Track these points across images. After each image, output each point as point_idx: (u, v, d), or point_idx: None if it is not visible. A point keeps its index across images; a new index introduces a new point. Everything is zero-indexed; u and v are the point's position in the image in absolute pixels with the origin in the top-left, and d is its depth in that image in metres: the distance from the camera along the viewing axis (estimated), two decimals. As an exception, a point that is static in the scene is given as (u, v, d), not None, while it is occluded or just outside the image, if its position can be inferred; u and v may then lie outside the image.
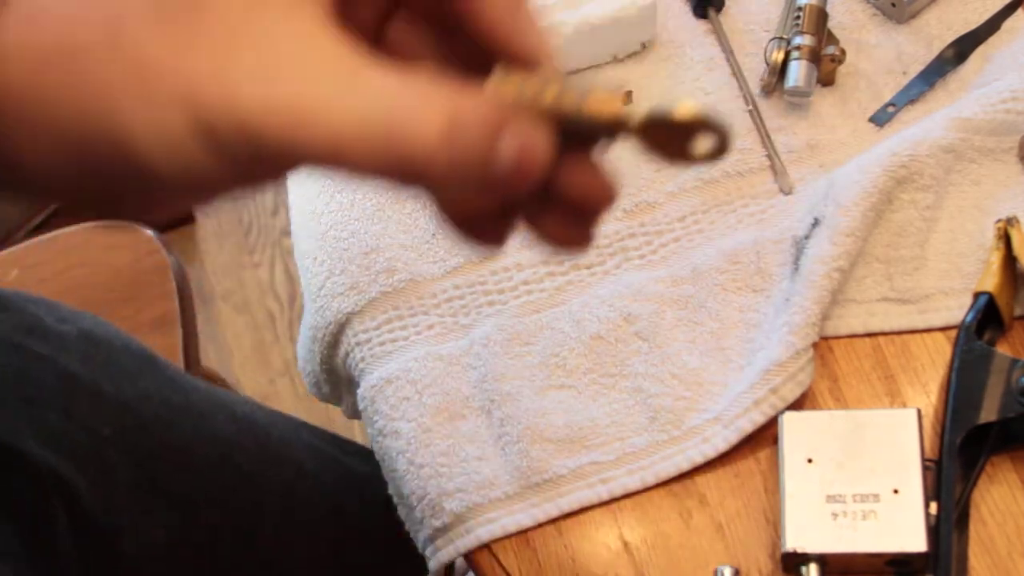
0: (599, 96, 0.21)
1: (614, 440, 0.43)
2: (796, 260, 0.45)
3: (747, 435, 0.42)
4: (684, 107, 0.21)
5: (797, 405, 0.42)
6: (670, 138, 0.21)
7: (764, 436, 0.42)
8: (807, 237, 0.45)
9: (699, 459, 0.42)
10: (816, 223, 0.45)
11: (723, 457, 0.42)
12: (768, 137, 0.48)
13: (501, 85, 0.22)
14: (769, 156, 0.48)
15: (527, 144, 0.21)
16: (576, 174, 0.22)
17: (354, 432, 0.97)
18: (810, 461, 0.40)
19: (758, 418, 0.42)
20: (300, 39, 0.20)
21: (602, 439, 0.43)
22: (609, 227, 0.48)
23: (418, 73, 0.21)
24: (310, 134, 0.20)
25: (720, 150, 0.21)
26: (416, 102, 0.20)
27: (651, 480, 0.42)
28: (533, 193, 0.21)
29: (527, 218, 0.24)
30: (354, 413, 0.47)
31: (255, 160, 0.20)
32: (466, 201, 0.22)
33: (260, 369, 1.03)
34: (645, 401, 0.44)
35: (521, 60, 0.23)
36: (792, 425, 0.41)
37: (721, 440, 0.42)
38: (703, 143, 0.21)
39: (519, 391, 0.44)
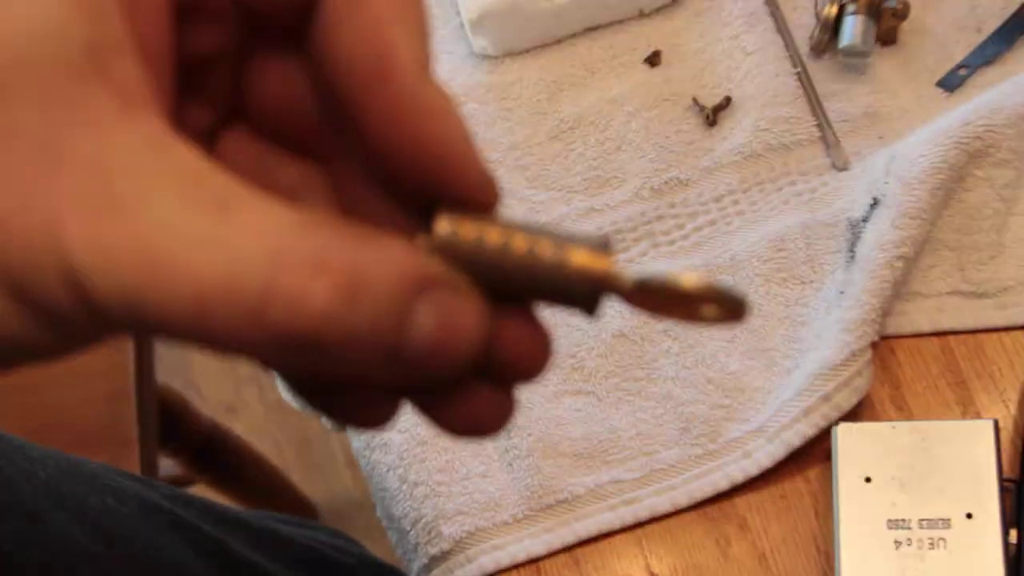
0: (580, 251, 0.20)
1: (640, 454, 0.43)
2: (852, 247, 0.44)
3: (795, 450, 0.42)
4: (688, 280, 0.20)
5: (853, 415, 0.42)
6: (668, 304, 0.21)
7: (815, 451, 0.42)
8: (865, 220, 0.44)
9: (739, 477, 0.42)
10: (875, 203, 0.44)
11: (767, 475, 0.42)
12: (819, 104, 0.48)
13: (444, 232, 0.20)
14: (820, 126, 0.47)
15: (451, 315, 0.19)
16: (509, 333, 0.21)
17: (333, 448, 0.98)
18: (868, 480, 0.40)
19: (808, 430, 0.42)
20: (137, 153, 0.18)
21: (626, 453, 0.43)
22: (633, 208, 0.47)
23: (309, 211, 0.19)
24: (160, 296, 0.18)
25: (732, 319, 0.21)
26: (304, 251, 0.18)
27: (683, 501, 0.42)
28: (459, 376, 0.20)
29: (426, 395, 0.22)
30: (339, 427, 0.48)
31: (85, 322, 0.18)
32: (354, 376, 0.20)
33: (223, 377, 1.03)
34: (676, 409, 0.44)
35: (466, 199, 0.21)
36: (847, 438, 0.41)
37: (765, 455, 0.42)
38: (710, 310, 0.21)
39: (529, 397, 0.44)
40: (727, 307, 0.21)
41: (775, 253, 0.46)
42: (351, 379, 0.21)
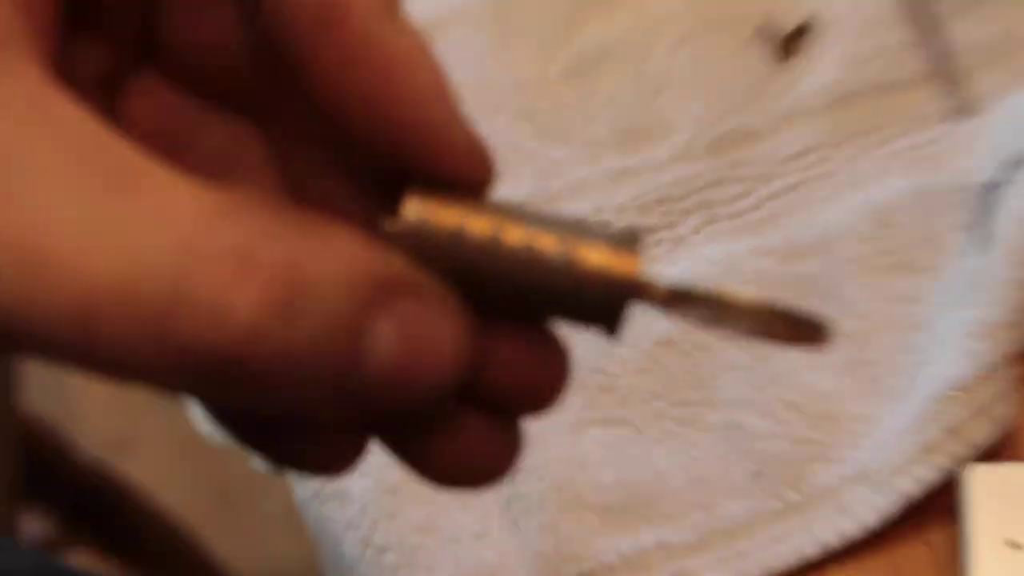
0: (597, 249, 0.21)
1: (694, 509, 0.41)
2: (985, 221, 0.43)
3: (911, 502, 0.40)
4: (743, 298, 0.21)
5: (991, 454, 0.40)
6: (718, 320, 0.21)
7: (938, 504, 0.40)
8: (1002, 184, 0.43)
9: (833, 540, 0.40)
10: (1019, 162, 0.43)
11: (872, 538, 0.40)
12: (934, 28, 0.46)
13: (414, 219, 0.21)
14: (935, 58, 0.46)
15: (420, 330, 0.20)
16: (505, 352, 0.22)
17: (266, 497, 0.95)
18: (1016, 546, 0.38)
19: (927, 474, 0.40)
20: (4, 112, 0.19)
21: (674, 507, 0.41)
22: (682, 169, 0.46)
23: (236, 188, 0.20)
24: (35, 302, 0.18)
25: (808, 345, 0.22)
26: (226, 242, 0.19)
27: (755, 573, 0.40)
28: (432, 409, 0.21)
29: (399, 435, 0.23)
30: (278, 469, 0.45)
31: None
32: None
33: (114, 402, 1.03)
34: (745, 445, 0.42)
35: (445, 174, 0.21)
36: (984, 487, 0.39)
37: (868, 510, 0.40)
38: (778, 330, 0.21)
39: (540, 428, 0.41)
40: (800, 332, 0.21)
41: (878, 230, 0.44)
42: (290, 412, 0.21)
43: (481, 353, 0.21)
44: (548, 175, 0.46)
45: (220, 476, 0.97)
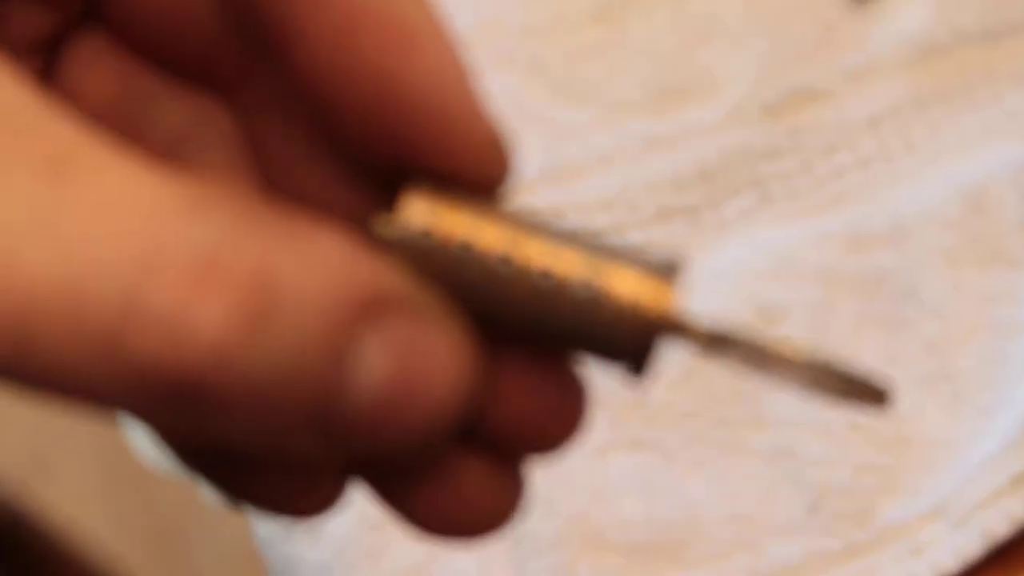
0: (627, 276, 0.22)
1: (738, 549, 0.43)
2: None
3: (997, 543, 0.42)
4: (795, 354, 0.22)
5: None
6: (764, 369, 0.23)
7: None
8: None
9: None
10: None
11: None
12: None
13: (414, 224, 0.21)
14: None
15: (416, 356, 0.21)
16: (514, 384, 0.23)
17: (217, 534, 0.97)
18: None
19: (1018, 510, 0.42)
20: None
21: (715, 546, 0.43)
22: (730, 137, 0.47)
23: (200, 177, 0.21)
24: None
25: (865, 406, 0.23)
26: (188, 244, 0.19)
27: None
28: (428, 449, 0.22)
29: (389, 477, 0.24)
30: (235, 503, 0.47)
31: None
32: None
33: (28, 416, 1.03)
34: (799, 474, 0.44)
35: (452, 170, 0.22)
36: None
37: (948, 552, 0.43)
38: (831, 385, 0.23)
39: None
40: (855, 392, 0.22)
41: (968, 215, 0.45)
42: (258, 447, 0.21)
43: (488, 386, 0.22)
44: (563, 142, 0.47)
45: (159, 507, 0.97)
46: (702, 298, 0.46)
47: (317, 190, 0.23)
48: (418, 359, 0.20)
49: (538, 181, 0.47)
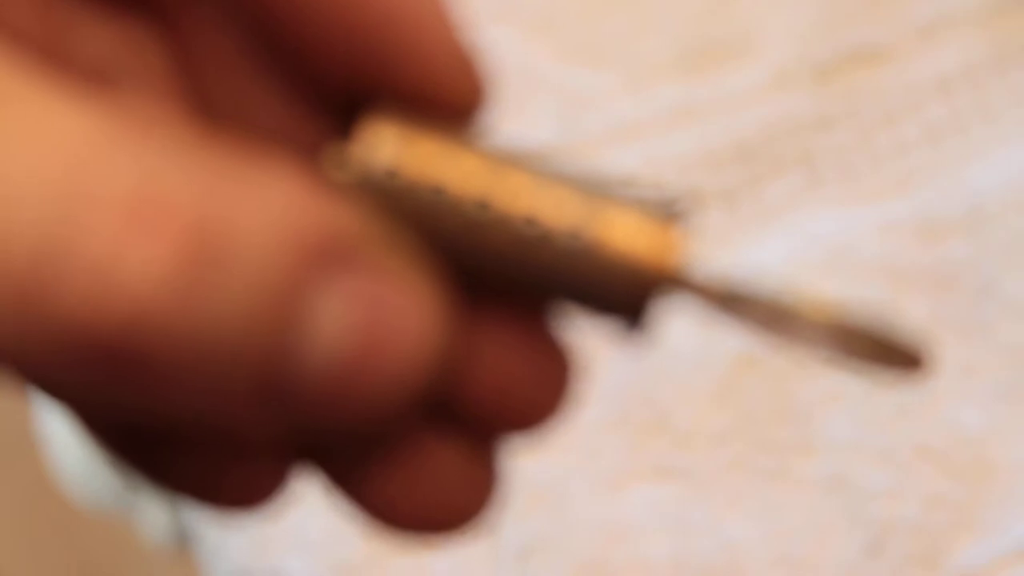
0: (624, 220, 0.22)
1: None
2: None
3: None
4: (812, 308, 0.22)
5: None
6: (781, 329, 0.22)
7: None
8: None
9: None
10: None
11: None
12: None
13: (378, 158, 0.22)
14: None
15: (380, 311, 0.20)
16: (493, 352, 0.23)
17: (142, 556, 1.00)
18: None
19: None
20: None
21: None
22: (774, 106, 0.47)
23: (131, 105, 0.21)
24: None
25: (898, 372, 0.23)
26: (120, 181, 0.19)
27: None
28: (393, 423, 0.22)
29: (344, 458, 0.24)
30: (178, 532, 0.47)
31: None
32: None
33: None
34: (855, 507, 0.42)
35: (421, 94, 0.22)
36: None
37: None
38: (857, 347, 0.23)
39: (567, 482, 0.43)
40: (889, 357, 0.22)
41: None
42: (197, 422, 0.21)
43: (461, 348, 0.22)
44: (578, 112, 0.47)
45: (85, 548, 0.96)
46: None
47: (265, 120, 0.23)
48: (380, 316, 0.20)
49: (527, 152, 0.48)
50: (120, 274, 0.19)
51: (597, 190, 0.21)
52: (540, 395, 0.23)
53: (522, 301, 0.23)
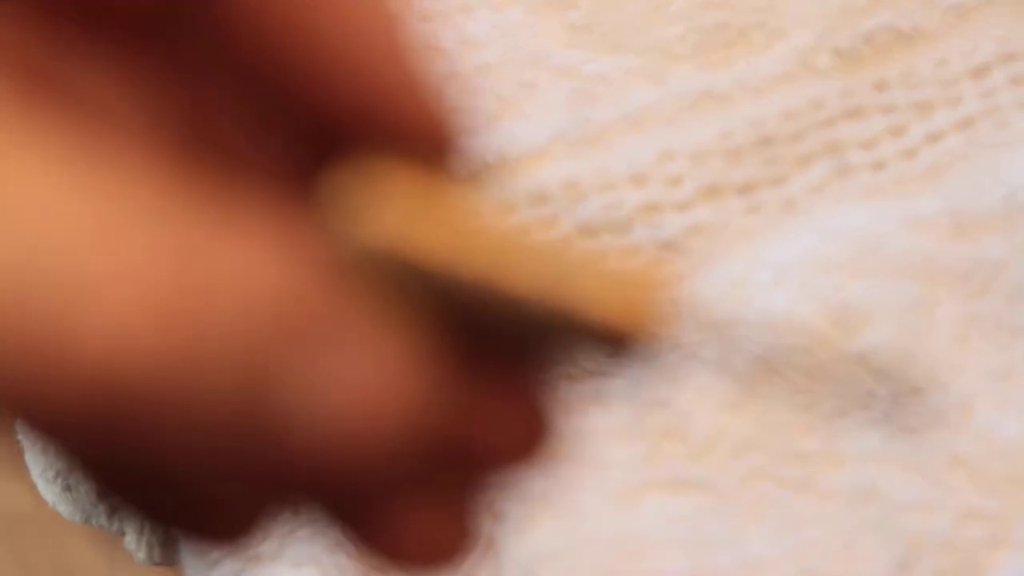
0: (599, 288, 0.23)
1: None
2: None
3: None
4: (807, 349, 0.23)
5: None
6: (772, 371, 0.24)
7: None
8: None
9: None
10: None
11: None
12: None
13: (366, 234, 0.23)
14: None
15: (367, 370, 0.22)
16: (481, 412, 0.24)
17: None
18: None
19: None
20: None
21: None
22: (797, 94, 0.46)
23: (131, 181, 0.22)
24: None
25: (888, 413, 0.24)
26: (121, 260, 0.21)
27: None
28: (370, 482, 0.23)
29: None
30: (161, 555, 0.47)
31: None
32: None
33: None
34: (887, 521, 0.41)
35: (397, 143, 0.23)
36: None
37: None
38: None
39: (573, 494, 0.42)
40: (881, 391, 0.24)
41: None
42: (186, 471, 0.22)
43: (452, 408, 0.23)
44: (587, 100, 0.46)
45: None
46: (763, 299, 0.46)
47: (249, 151, 0.24)
48: (365, 389, 0.21)
49: (553, 148, 0.48)
50: (124, 337, 0.20)
51: (570, 258, 0.23)
52: (523, 449, 0.24)
53: (506, 353, 0.24)
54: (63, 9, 0.25)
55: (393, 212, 0.23)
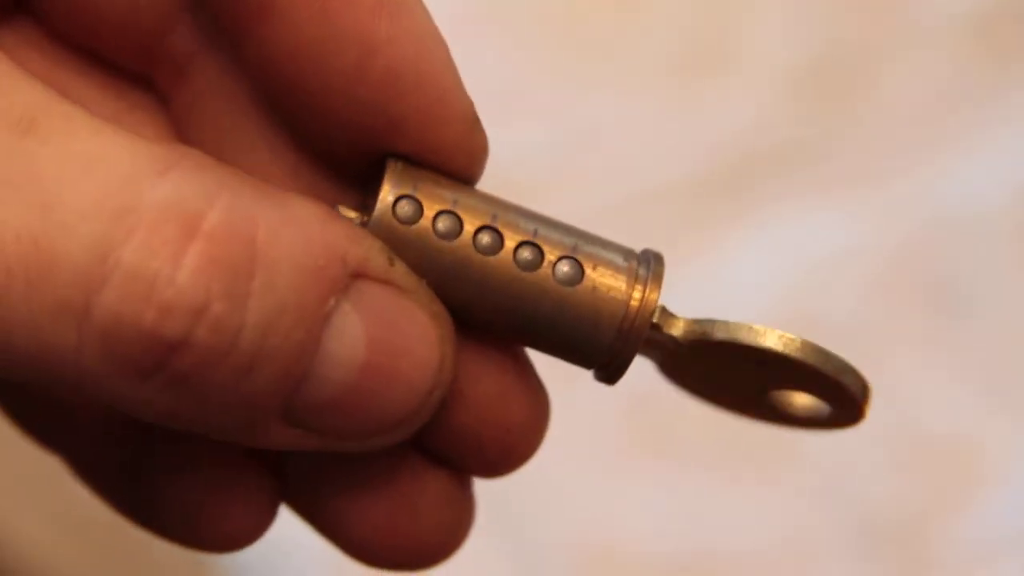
0: (607, 273, 0.23)
1: None
2: None
3: None
4: (770, 339, 0.23)
5: None
6: (724, 374, 0.24)
7: None
8: None
9: None
10: None
11: None
12: None
13: (399, 205, 0.23)
14: None
15: (398, 327, 0.22)
16: (478, 388, 0.24)
17: None
18: None
19: None
20: None
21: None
22: (770, 111, 0.47)
23: (175, 144, 0.22)
24: None
25: (838, 420, 0.24)
26: (166, 206, 0.20)
27: None
28: (393, 439, 0.23)
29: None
30: None
31: None
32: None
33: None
34: (847, 493, 0.43)
35: (437, 145, 0.23)
36: None
37: None
38: (799, 398, 0.24)
39: (563, 472, 0.43)
40: (833, 398, 0.24)
41: None
42: (215, 423, 0.22)
43: (454, 380, 0.23)
44: (569, 119, 0.46)
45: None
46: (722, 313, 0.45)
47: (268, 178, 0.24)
48: (398, 333, 0.22)
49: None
50: (164, 283, 0.20)
51: (582, 239, 0.23)
52: (516, 433, 0.24)
53: (501, 344, 0.24)
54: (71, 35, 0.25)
55: (412, 190, 0.23)
